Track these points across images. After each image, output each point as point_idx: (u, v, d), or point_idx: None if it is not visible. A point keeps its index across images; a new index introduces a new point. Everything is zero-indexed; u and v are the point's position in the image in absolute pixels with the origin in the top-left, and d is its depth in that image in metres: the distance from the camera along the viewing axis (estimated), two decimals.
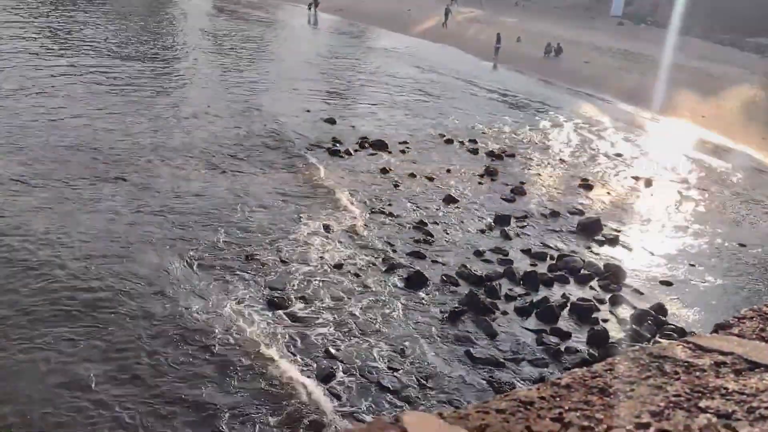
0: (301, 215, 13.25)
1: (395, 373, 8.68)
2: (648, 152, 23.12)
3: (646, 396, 1.23)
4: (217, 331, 8.94)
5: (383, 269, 11.53)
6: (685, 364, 1.34)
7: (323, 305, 10.07)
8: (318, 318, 9.71)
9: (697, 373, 1.31)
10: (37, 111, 17.14)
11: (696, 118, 28.20)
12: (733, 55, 44.81)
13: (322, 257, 11.60)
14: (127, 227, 11.73)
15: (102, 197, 12.82)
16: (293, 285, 10.53)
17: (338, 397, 8.06)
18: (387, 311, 10.19)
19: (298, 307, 9.93)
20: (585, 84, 33.26)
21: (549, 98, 30.12)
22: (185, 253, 10.97)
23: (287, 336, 9.13)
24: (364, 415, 7.76)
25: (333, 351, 8.95)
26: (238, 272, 10.67)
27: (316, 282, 10.73)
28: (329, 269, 11.22)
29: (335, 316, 9.84)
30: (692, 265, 13.91)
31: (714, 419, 1.16)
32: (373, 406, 7.99)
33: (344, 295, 10.48)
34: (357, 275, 11.16)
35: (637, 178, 19.67)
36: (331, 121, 20.42)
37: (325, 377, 8.38)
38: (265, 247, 11.66)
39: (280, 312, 9.70)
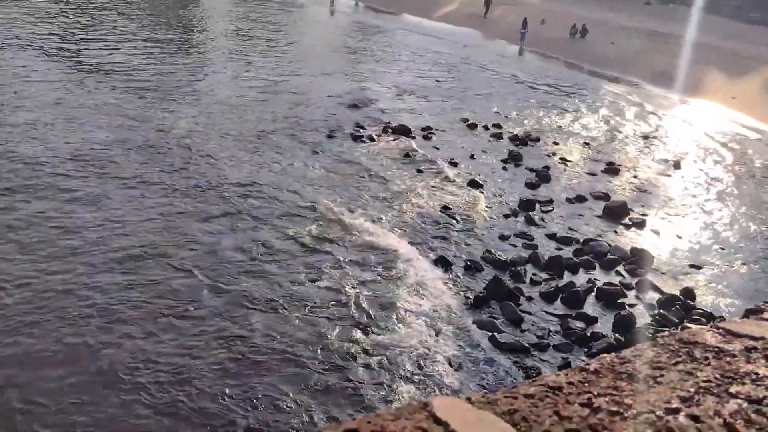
0: (324, 202, 13.28)
1: (422, 359, 8.70)
2: (676, 134, 22.76)
3: (676, 381, 1.22)
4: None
5: (406, 255, 11.53)
6: (715, 349, 1.34)
7: (346, 291, 10.12)
8: (342, 301, 9.76)
9: (728, 359, 1.30)
10: (74, 100, 17.38)
11: (726, 99, 27.66)
12: (764, 35, 43.75)
13: (345, 240, 11.63)
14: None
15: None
16: (324, 274, 10.59)
17: (363, 382, 8.12)
18: (411, 296, 10.21)
19: (323, 294, 10.00)
20: (611, 66, 32.78)
21: (574, 81, 29.75)
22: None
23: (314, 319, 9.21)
24: (391, 400, 7.81)
25: (352, 337, 9.00)
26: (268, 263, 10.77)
27: (340, 266, 10.77)
28: (352, 254, 11.25)
29: (358, 301, 9.87)
30: (722, 249, 13.71)
31: (744, 405, 1.15)
32: (402, 391, 8.03)
33: (367, 280, 10.51)
34: (380, 261, 11.18)
35: (665, 161, 19.40)
36: (355, 106, 20.41)
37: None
38: (291, 233, 11.74)
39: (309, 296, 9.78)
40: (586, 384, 1.23)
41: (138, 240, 10.81)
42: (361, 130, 18.14)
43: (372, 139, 17.61)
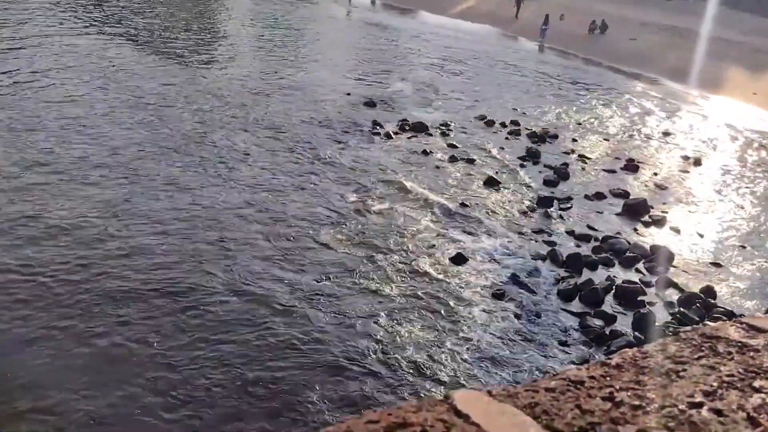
0: (344, 195, 13.31)
1: (441, 353, 8.71)
2: (697, 131, 22.53)
3: (699, 376, 1.22)
4: None
5: (425, 251, 11.53)
6: (739, 344, 1.33)
7: (364, 286, 10.14)
8: (363, 295, 9.78)
9: (751, 354, 1.29)
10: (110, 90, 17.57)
11: (747, 95, 27.32)
12: None
13: (363, 235, 11.66)
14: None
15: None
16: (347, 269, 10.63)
17: (385, 376, 8.14)
18: (429, 292, 10.20)
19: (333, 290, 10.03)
20: (631, 62, 32.48)
21: (593, 77, 29.52)
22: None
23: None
24: (412, 393, 7.83)
25: (376, 331, 9.02)
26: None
27: (357, 263, 10.80)
28: (371, 250, 11.26)
29: (378, 294, 9.89)
30: (743, 247, 13.55)
31: None
32: (421, 383, 8.05)
33: (385, 275, 10.52)
34: (399, 257, 11.18)
35: (685, 158, 19.21)
36: (371, 104, 20.40)
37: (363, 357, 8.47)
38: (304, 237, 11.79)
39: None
40: (608, 378, 1.23)
41: (170, 234, 10.94)
42: (377, 128, 18.13)
43: (389, 137, 17.60)
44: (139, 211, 11.61)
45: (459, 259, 11.32)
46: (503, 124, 20.04)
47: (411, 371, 8.29)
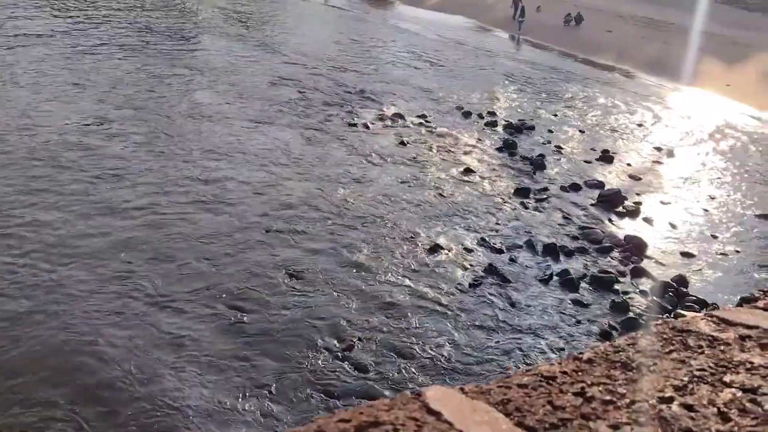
0: (321, 186, 13.25)
1: (415, 346, 8.72)
2: (670, 123, 22.80)
3: (670, 370, 1.22)
4: None
5: (401, 243, 11.54)
6: (710, 338, 1.34)
7: (339, 280, 10.12)
8: (337, 288, 9.76)
9: (722, 347, 1.30)
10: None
11: (720, 87, 27.70)
12: (762, 22, 43.71)
13: (339, 227, 11.63)
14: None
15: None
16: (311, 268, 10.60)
17: (360, 370, 8.12)
18: (404, 285, 10.21)
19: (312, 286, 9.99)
20: (606, 54, 32.73)
21: (569, 70, 29.70)
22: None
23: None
24: (385, 390, 7.82)
25: (348, 324, 9.01)
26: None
27: (332, 254, 10.77)
28: (347, 240, 11.24)
29: (350, 289, 9.88)
30: (714, 237, 13.77)
31: (739, 394, 1.15)
32: (395, 380, 8.05)
33: (360, 270, 10.50)
34: (374, 249, 11.17)
35: (658, 149, 19.44)
36: (348, 94, 20.29)
37: (348, 347, 8.45)
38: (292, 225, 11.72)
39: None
40: (580, 373, 1.23)
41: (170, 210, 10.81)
42: (355, 118, 18.06)
43: (366, 127, 17.54)
44: (152, 182, 11.46)
45: (435, 250, 11.34)
46: (480, 115, 20.08)
47: (380, 366, 8.28)
